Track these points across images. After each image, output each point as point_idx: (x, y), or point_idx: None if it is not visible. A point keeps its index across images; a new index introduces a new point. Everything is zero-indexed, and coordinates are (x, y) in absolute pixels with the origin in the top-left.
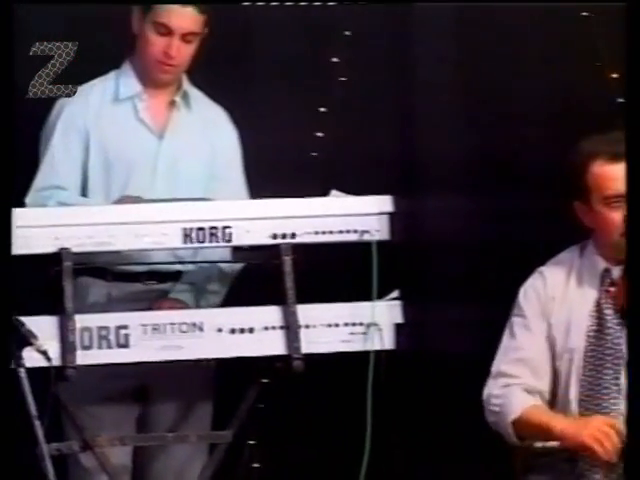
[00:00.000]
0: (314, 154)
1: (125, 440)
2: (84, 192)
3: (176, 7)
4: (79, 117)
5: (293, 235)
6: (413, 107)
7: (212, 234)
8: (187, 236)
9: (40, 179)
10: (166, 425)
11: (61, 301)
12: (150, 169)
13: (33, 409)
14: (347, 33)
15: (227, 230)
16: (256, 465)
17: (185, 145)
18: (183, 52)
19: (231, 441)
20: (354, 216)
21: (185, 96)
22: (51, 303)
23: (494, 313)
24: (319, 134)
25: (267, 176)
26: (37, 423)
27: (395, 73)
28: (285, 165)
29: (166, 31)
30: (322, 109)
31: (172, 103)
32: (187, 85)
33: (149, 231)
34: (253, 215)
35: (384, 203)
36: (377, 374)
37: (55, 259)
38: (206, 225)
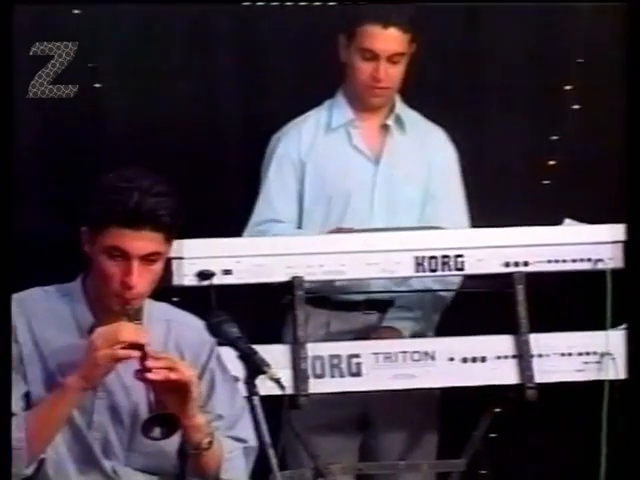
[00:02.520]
0: (546, 182)
1: (358, 468)
2: (300, 224)
3: (379, 30)
4: (293, 150)
5: (526, 263)
6: None
7: (444, 263)
8: (419, 264)
9: (257, 213)
10: (388, 454)
11: (293, 330)
12: (368, 195)
13: (267, 437)
14: (580, 60)
15: (459, 259)
16: None
17: (401, 169)
18: (391, 74)
19: (464, 470)
20: (588, 244)
21: (398, 120)
22: (282, 331)
23: None
24: (551, 162)
25: (499, 204)
26: (271, 452)
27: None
28: (518, 193)
29: (372, 56)
30: (554, 137)
31: (385, 127)
32: (400, 108)
33: (381, 259)
34: (485, 244)
35: (618, 231)
36: (611, 404)
37: (288, 288)
38: (438, 254)
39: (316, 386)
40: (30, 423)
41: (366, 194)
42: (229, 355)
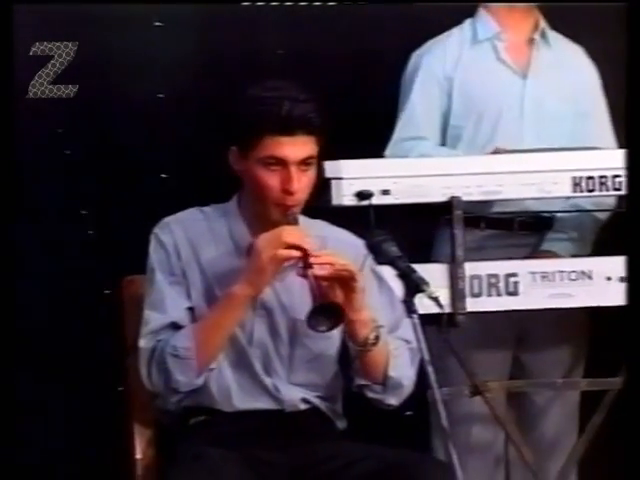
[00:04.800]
0: None
1: (515, 386)
2: (444, 141)
3: None
4: (439, 66)
5: None
6: None
7: (602, 183)
8: (576, 185)
9: (400, 131)
10: (548, 371)
11: (452, 249)
12: (517, 110)
13: (426, 354)
14: None
15: (617, 179)
16: None
17: (549, 84)
18: None
19: (621, 388)
20: None
21: (544, 34)
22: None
23: None
24: None
25: None
26: (430, 368)
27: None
28: None
29: None
30: None
31: (531, 42)
32: (544, 24)
33: (538, 180)
34: None
35: None
36: None
37: (446, 207)
38: (595, 174)
39: (473, 305)
40: (199, 334)
41: (515, 109)
42: (389, 274)
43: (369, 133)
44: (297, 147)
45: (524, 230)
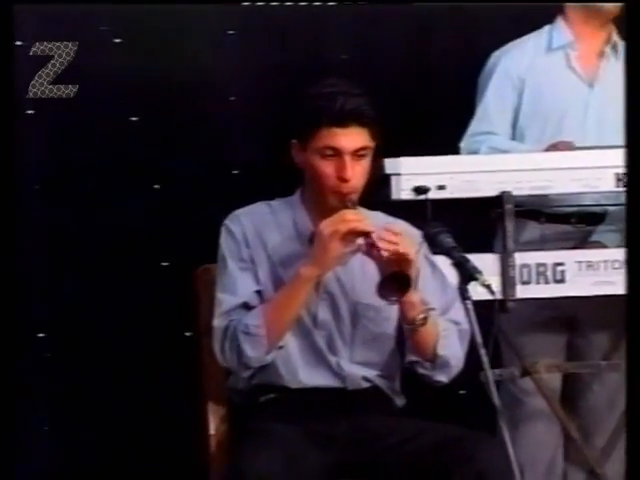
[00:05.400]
0: None
1: (561, 367)
2: (513, 137)
3: None
4: (514, 68)
5: None
6: None
7: None
8: (619, 180)
9: (474, 125)
10: (594, 354)
11: (502, 240)
12: (581, 117)
13: (479, 338)
14: None
15: None
16: None
17: (613, 94)
18: None
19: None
20: None
21: (614, 47)
22: (493, 242)
23: None
24: None
25: None
26: (483, 351)
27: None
28: None
29: None
30: None
31: (602, 53)
32: (616, 37)
33: (584, 176)
34: None
35: None
36: None
37: (497, 202)
38: None
39: (523, 292)
40: (269, 313)
41: (579, 115)
42: (444, 263)
43: (427, 131)
44: (351, 138)
45: (580, 224)
